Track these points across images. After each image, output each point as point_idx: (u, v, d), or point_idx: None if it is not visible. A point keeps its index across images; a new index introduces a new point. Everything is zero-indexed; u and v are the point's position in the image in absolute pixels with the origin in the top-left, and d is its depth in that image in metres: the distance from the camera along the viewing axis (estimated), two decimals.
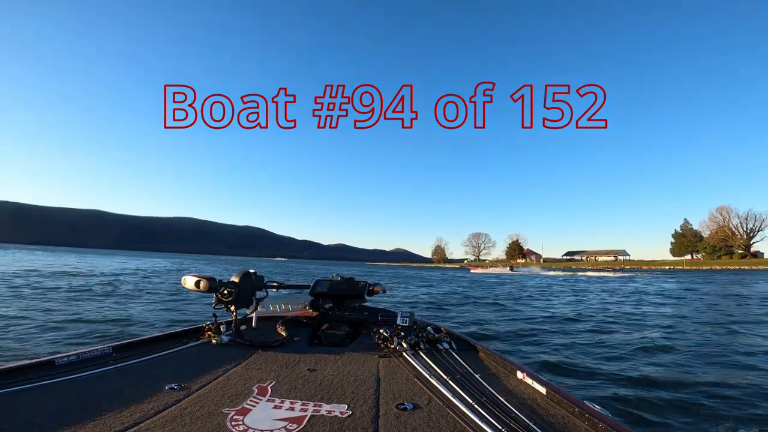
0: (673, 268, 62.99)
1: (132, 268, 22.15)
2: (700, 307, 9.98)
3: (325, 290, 2.79)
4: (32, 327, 5.19)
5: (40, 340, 4.52)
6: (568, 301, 11.66)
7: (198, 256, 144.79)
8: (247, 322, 2.36)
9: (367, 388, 1.42)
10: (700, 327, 6.84)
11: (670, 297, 12.99)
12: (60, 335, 4.83)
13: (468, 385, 1.45)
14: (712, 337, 5.93)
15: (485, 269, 57.33)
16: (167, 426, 1.04)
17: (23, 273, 14.46)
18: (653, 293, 14.60)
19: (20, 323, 5.40)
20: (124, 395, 1.25)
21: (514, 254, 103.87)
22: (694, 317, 8.10)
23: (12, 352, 4.00)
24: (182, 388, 1.34)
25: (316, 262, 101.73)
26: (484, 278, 30.62)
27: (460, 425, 1.13)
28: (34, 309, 6.61)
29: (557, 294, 14.52)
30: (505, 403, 1.28)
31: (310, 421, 1.11)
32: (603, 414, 1.18)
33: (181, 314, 6.98)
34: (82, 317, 6.11)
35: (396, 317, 2.19)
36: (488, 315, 8.33)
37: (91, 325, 5.55)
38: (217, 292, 2.14)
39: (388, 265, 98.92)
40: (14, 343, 4.34)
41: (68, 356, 1.51)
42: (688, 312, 8.96)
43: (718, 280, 24.78)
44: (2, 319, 5.63)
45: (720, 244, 72.09)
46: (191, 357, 1.77)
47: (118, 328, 5.46)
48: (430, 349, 1.95)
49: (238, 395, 1.29)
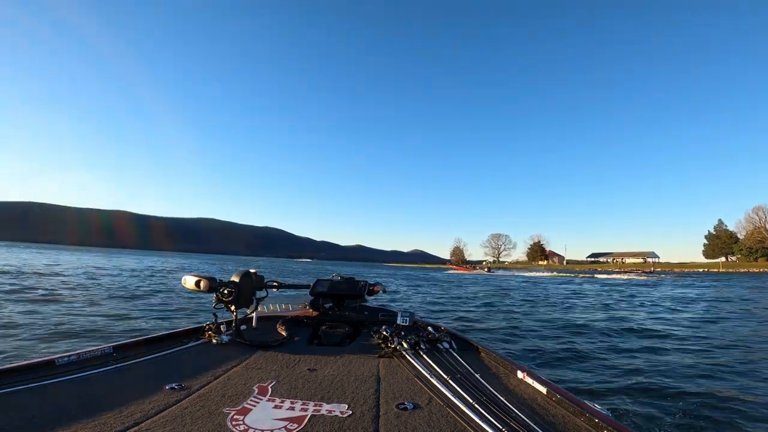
0: (708, 271, 60.27)
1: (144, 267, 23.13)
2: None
3: (325, 290, 2.77)
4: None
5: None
6: (521, 303, 11.73)
7: (215, 256, 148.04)
8: (247, 322, 2.35)
9: (368, 388, 1.42)
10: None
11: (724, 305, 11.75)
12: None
13: (468, 384, 1.45)
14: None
15: (466, 270, 61.80)
16: (167, 426, 1.04)
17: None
18: (684, 299, 13.84)
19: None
20: (124, 395, 1.25)
21: (536, 255, 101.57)
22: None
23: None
24: (182, 387, 1.34)
25: (335, 263, 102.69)
26: (455, 278, 32.35)
27: (461, 425, 1.13)
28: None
29: (527, 296, 14.39)
30: (506, 402, 1.28)
31: (311, 420, 1.11)
32: (603, 414, 1.18)
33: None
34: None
35: (396, 317, 2.18)
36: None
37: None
38: (217, 291, 2.13)
39: (403, 266, 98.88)
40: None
41: (68, 356, 1.51)
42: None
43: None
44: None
45: (756, 245, 69.30)
46: (191, 357, 1.77)
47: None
48: (431, 348, 1.95)
49: (238, 395, 1.29)
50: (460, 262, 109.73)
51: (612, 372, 4.10)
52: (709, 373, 4.09)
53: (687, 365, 4.42)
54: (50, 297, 7.96)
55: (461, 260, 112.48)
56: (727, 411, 3.02)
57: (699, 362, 4.55)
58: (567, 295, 14.84)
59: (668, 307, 10.95)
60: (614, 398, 3.26)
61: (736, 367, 4.35)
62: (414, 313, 2.25)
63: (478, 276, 38.84)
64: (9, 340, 4.42)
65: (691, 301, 12.98)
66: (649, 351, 5.18)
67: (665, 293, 16.34)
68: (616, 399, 3.24)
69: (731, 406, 3.10)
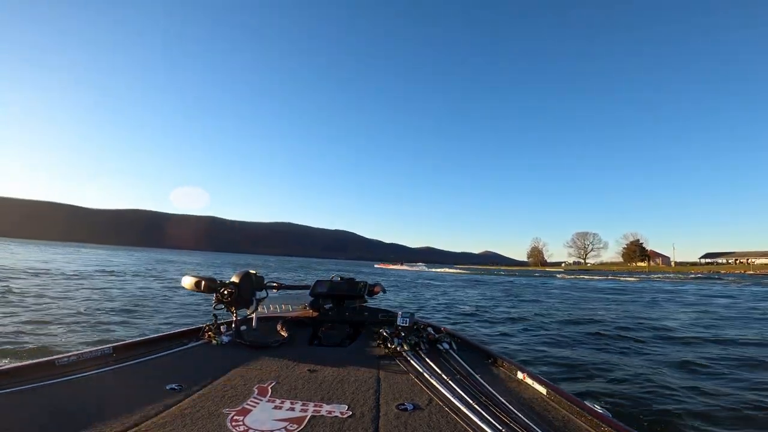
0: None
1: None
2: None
3: (325, 291, 2.79)
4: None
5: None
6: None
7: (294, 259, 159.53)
8: (247, 323, 2.40)
9: (368, 389, 1.43)
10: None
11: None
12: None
13: (468, 385, 1.47)
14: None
15: (394, 266, 67.83)
16: (167, 426, 1.06)
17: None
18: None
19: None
20: (124, 395, 1.28)
21: (634, 256, 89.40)
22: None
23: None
24: (182, 388, 1.36)
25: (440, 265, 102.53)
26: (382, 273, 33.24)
27: (461, 425, 1.14)
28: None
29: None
30: (506, 403, 1.30)
31: (311, 421, 1.13)
32: (603, 414, 1.19)
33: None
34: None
35: (396, 317, 2.20)
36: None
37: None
38: (217, 292, 2.19)
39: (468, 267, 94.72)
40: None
41: (68, 356, 1.54)
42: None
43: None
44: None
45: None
46: (191, 357, 1.81)
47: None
48: (431, 349, 1.98)
49: (238, 395, 1.31)
50: (539, 263, 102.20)
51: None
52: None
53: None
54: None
55: (540, 261, 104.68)
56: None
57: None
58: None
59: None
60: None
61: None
62: (414, 313, 2.26)
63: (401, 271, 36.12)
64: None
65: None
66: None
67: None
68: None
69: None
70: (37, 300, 7.35)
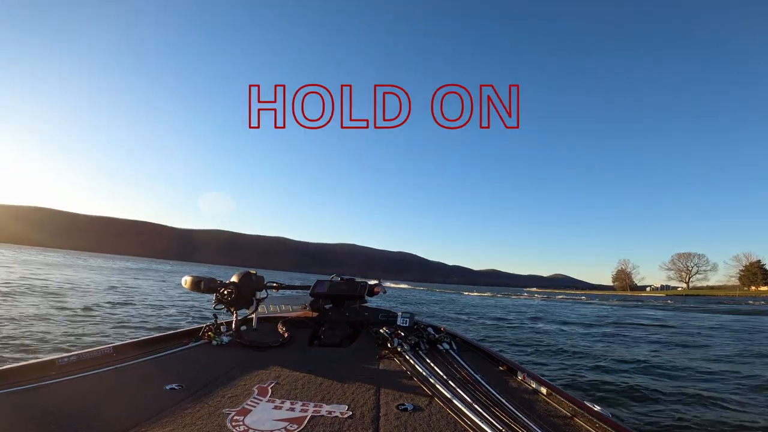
0: None
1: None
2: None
3: (325, 291, 2.78)
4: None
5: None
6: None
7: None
8: (247, 323, 2.41)
9: (368, 389, 1.45)
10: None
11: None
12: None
13: (468, 385, 1.49)
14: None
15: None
16: (167, 426, 1.07)
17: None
18: None
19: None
20: (124, 395, 1.29)
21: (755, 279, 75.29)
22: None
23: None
24: (182, 388, 1.37)
25: (467, 287, 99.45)
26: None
27: (461, 426, 1.15)
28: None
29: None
30: (506, 403, 1.32)
31: (311, 421, 1.14)
32: (603, 414, 1.20)
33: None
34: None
35: (396, 318, 2.24)
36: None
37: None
38: (217, 292, 2.22)
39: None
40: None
41: (68, 356, 1.56)
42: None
43: None
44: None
45: None
46: (191, 357, 1.82)
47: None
48: (431, 349, 2.00)
49: (238, 396, 1.32)
50: (627, 287, 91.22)
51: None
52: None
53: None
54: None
55: (628, 285, 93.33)
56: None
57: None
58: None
59: None
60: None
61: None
62: (414, 314, 2.29)
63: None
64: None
65: None
66: None
67: None
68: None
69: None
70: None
